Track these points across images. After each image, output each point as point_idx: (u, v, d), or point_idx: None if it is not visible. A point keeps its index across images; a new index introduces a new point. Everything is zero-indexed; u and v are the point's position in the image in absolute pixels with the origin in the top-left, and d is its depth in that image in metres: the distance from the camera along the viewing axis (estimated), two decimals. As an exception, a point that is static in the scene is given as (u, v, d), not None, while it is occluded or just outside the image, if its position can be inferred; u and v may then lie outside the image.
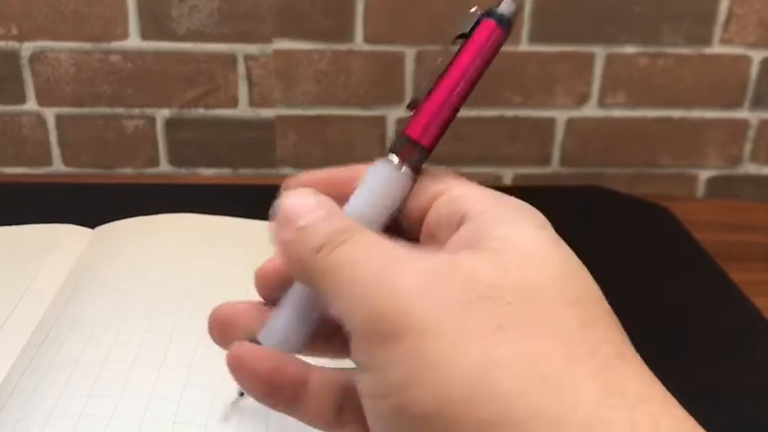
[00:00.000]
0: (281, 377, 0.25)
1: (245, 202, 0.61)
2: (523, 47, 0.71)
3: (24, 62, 0.70)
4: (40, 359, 0.39)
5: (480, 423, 0.20)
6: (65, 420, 0.34)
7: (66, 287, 0.47)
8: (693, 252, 0.59)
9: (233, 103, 0.72)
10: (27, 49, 0.69)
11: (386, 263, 0.23)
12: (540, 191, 0.70)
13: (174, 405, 0.36)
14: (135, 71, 0.70)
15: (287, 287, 0.27)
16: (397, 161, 0.26)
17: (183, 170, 0.74)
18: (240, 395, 0.28)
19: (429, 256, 0.23)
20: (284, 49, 0.70)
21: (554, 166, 0.76)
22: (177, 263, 0.49)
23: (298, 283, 0.26)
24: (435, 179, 0.26)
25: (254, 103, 0.72)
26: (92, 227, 0.55)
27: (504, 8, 0.26)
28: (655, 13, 0.71)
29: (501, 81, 0.72)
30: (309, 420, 0.26)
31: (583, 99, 0.73)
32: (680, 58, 0.72)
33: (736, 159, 0.77)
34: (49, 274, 0.49)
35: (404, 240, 0.24)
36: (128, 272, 0.48)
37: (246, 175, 0.74)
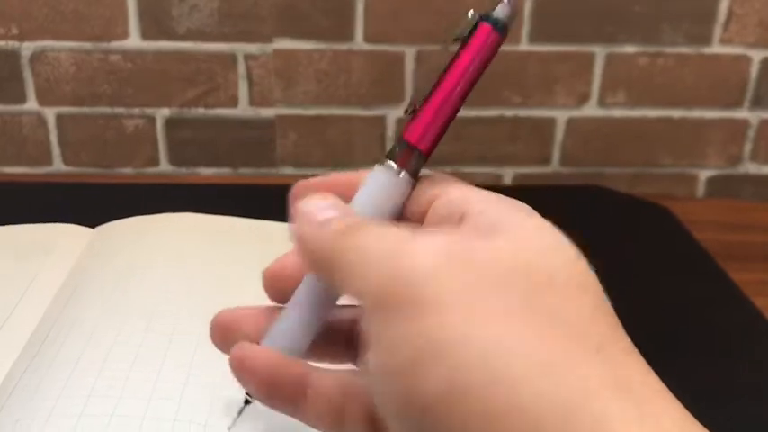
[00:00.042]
0: (281, 378, 0.25)
1: (245, 201, 0.61)
2: (523, 46, 0.71)
3: (24, 62, 0.70)
4: (40, 359, 0.39)
5: (488, 409, 0.19)
6: (65, 420, 0.34)
7: (66, 287, 0.47)
8: (693, 252, 0.59)
9: (233, 102, 0.72)
10: (27, 48, 0.69)
11: (403, 240, 0.23)
12: (540, 191, 0.70)
13: (175, 404, 0.36)
14: (135, 71, 0.70)
15: (295, 286, 0.27)
16: (395, 166, 0.26)
17: (183, 170, 0.74)
18: (246, 403, 0.28)
19: (445, 236, 0.23)
20: (284, 49, 0.70)
21: (554, 166, 0.76)
22: (177, 263, 0.49)
23: (302, 287, 0.27)
24: (433, 182, 0.27)
25: (254, 102, 0.72)
26: (92, 226, 0.55)
27: (500, 12, 0.27)
28: (655, 13, 0.71)
29: (501, 81, 0.72)
30: (310, 421, 0.26)
31: (583, 99, 0.73)
32: (680, 58, 0.72)
33: (737, 159, 0.77)
34: (49, 273, 0.49)
35: None
36: (128, 271, 0.48)
37: (246, 174, 0.74)
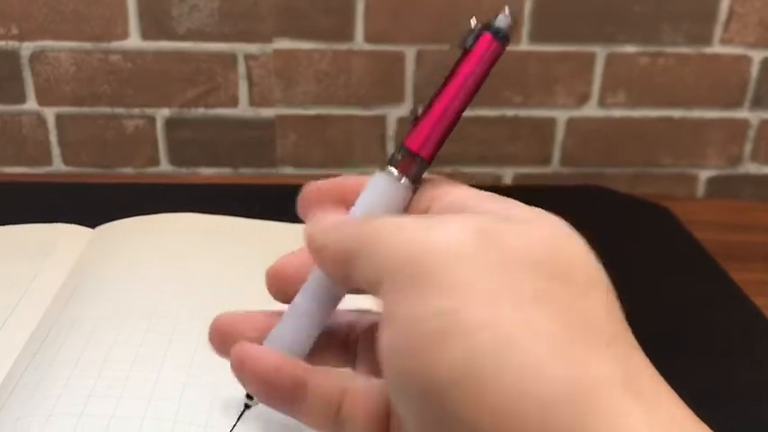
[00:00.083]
0: (280, 377, 0.26)
1: (245, 201, 0.61)
2: (524, 46, 0.71)
3: (24, 62, 0.70)
4: (40, 358, 0.39)
5: (500, 394, 0.19)
6: (65, 419, 0.34)
7: (66, 287, 0.47)
8: (694, 252, 0.59)
9: (233, 102, 0.72)
10: (27, 48, 0.69)
11: (425, 221, 0.23)
12: (541, 191, 0.70)
13: (175, 405, 0.36)
14: (135, 71, 0.70)
15: (297, 285, 0.27)
16: (396, 173, 0.27)
17: (183, 170, 0.74)
18: (246, 408, 0.29)
19: (468, 219, 0.23)
20: (284, 49, 0.70)
21: (554, 166, 0.76)
22: (177, 262, 0.49)
23: (305, 290, 0.27)
24: (434, 185, 0.27)
25: (254, 102, 0.72)
26: (92, 226, 0.55)
27: (501, 22, 0.27)
28: (655, 13, 0.70)
29: (501, 81, 0.72)
30: (308, 422, 0.26)
31: (583, 99, 0.73)
32: (680, 58, 0.72)
33: (737, 159, 0.77)
34: (49, 273, 0.49)
35: None
36: (128, 271, 0.48)
37: (246, 174, 0.74)
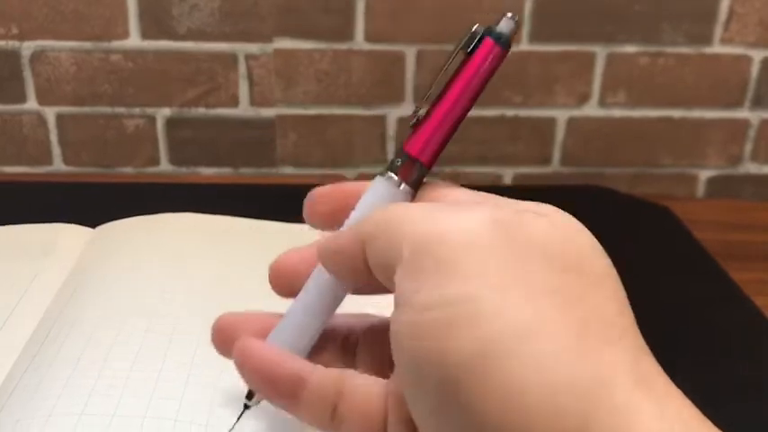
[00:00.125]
0: (281, 372, 0.26)
1: (245, 201, 0.61)
2: (524, 46, 0.71)
3: (25, 61, 0.70)
4: (40, 358, 0.39)
5: (509, 383, 0.19)
6: (66, 419, 0.34)
7: (67, 287, 0.47)
8: (694, 251, 0.59)
9: (233, 102, 0.72)
10: (27, 48, 0.69)
11: (443, 210, 0.23)
12: (541, 190, 0.70)
13: (176, 404, 0.36)
14: (135, 70, 0.70)
15: (300, 280, 0.27)
16: (396, 178, 0.27)
17: (184, 169, 0.74)
18: (246, 408, 0.29)
19: (485, 209, 0.23)
20: (285, 49, 0.70)
21: (554, 166, 0.76)
22: (177, 262, 0.49)
23: (306, 288, 0.27)
24: (434, 188, 0.27)
25: (254, 102, 0.72)
26: (92, 226, 0.55)
27: (504, 27, 0.27)
28: (655, 12, 0.70)
29: (501, 81, 0.72)
30: (306, 419, 0.26)
31: (583, 98, 0.73)
32: (680, 58, 0.72)
33: (737, 159, 0.77)
34: (49, 273, 0.49)
35: None
36: (128, 271, 0.48)
37: (247, 174, 0.74)
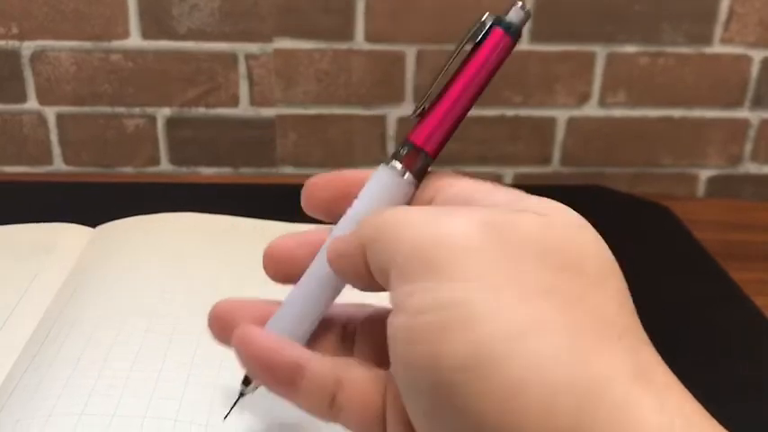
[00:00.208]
0: (279, 359, 0.26)
1: (245, 201, 0.61)
2: (524, 46, 0.71)
3: (25, 61, 0.70)
4: (40, 358, 0.39)
5: (506, 384, 0.19)
6: (66, 419, 0.34)
7: (67, 287, 0.47)
8: (694, 251, 0.59)
9: (234, 102, 0.72)
10: (27, 48, 0.69)
11: (434, 214, 0.23)
12: (541, 190, 0.70)
13: (176, 403, 0.36)
14: (136, 70, 0.70)
15: (294, 267, 0.27)
16: (400, 167, 0.26)
17: (184, 169, 0.74)
18: (241, 395, 0.29)
19: (481, 209, 0.23)
20: (285, 48, 0.70)
21: (555, 166, 0.76)
22: (177, 262, 0.49)
23: (306, 276, 0.27)
24: (438, 177, 0.27)
25: (254, 102, 0.72)
26: (92, 226, 0.55)
27: (514, 17, 0.26)
28: (655, 12, 0.70)
29: (501, 80, 0.72)
30: (304, 407, 0.26)
31: (583, 98, 0.73)
32: (680, 58, 0.72)
33: (737, 159, 0.77)
34: (49, 273, 0.49)
35: None
36: (128, 271, 0.48)
37: (247, 174, 0.74)
